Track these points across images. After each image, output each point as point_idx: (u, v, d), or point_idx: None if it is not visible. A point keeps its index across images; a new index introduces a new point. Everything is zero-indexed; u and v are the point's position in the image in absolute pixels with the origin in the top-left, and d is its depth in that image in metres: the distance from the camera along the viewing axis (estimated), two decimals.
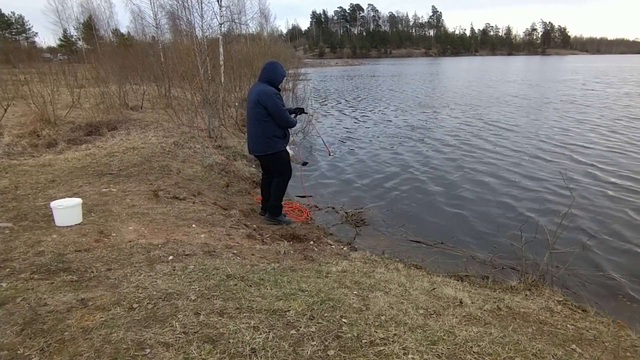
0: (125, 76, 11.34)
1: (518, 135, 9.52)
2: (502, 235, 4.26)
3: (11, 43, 39.21)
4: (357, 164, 7.48)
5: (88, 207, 3.61)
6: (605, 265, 3.77)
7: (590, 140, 8.79)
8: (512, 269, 3.60)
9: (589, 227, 4.54)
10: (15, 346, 1.64)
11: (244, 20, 16.53)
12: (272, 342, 1.74)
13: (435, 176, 6.59)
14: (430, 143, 8.96)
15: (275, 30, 33.96)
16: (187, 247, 2.96)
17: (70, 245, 2.78)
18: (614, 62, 58.77)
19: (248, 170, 6.31)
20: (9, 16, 53.85)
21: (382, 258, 3.60)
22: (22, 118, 7.64)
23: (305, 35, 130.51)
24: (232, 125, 9.10)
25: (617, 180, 6.14)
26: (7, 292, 2.08)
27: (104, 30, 35.49)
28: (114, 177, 4.79)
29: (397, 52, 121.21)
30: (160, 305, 2.00)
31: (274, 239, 3.87)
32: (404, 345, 1.80)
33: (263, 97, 3.91)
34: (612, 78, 27.51)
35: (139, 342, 1.68)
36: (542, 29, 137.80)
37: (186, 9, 9.09)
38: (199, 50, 7.97)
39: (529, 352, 1.88)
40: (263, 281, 2.46)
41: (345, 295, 2.35)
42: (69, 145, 6.50)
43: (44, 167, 5.14)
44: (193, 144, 6.84)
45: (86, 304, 1.98)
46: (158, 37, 13.86)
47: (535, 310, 2.58)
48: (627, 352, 2.17)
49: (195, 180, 5.23)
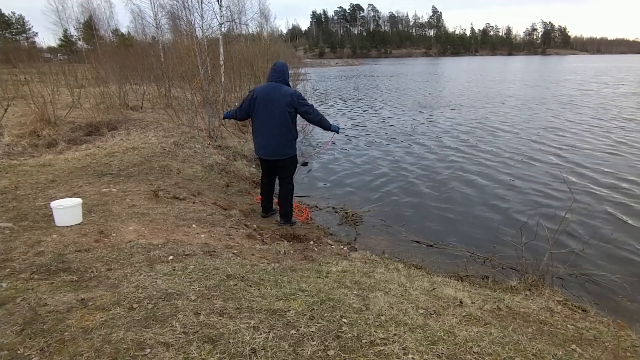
0: (125, 76, 11.34)
1: (518, 136, 9.52)
2: (502, 235, 4.26)
3: (11, 43, 39.20)
4: (357, 164, 7.48)
5: (88, 207, 3.61)
6: (605, 265, 3.77)
7: (590, 141, 8.80)
8: (512, 269, 3.60)
9: (589, 227, 4.54)
10: (15, 346, 1.64)
11: (244, 20, 16.50)
12: (272, 342, 1.75)
13: (435, 176, 6.59)
14: (429, 143, 8.96)
15: (275, 30, 33.94)
16: (187, 247, 2.96)
17: (70, 245, 2.78)
18: (613, 62, 58.77)
19: (248, 170, 6.31)
20: (9, 16, 53.83)
21: (382, 258, 3.60)
22: (22, 118, 7.64)
23: (305, 35, 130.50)
24: (232, 125, 9.09)
25: (618, 180, 6.14)
26: (7, 292, 2.08)
27: (104, 30, 35.49)
28: (114, 177, 4.79)
29: (397, 52, 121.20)
30: (160, 305, 2.00)
31: (274, 239, 3.87)
32: (404, 345, 1.80)
33: (295, 99, 3.78)
34: (609, 78, 27.52)
35: (139, 342, 1.68)
36: (542, 29, 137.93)
37: (186, 9, 9.09)
38: (199, 50, 7.97)
39: (529, 352, 1.88)
40: (263, 281, 2.46)
41: (345, 295, 2.35)
42: (69, 145, 6.50)
43: (44, 167, 5.14)
44: (193, 144, 6.84)
45: (86, 304, 1.98)
46: (158, 37, 13.86)
47: (535, 310, 2.58)
48: (627, 352, 2.17)
49: (195, 180, 5.23)
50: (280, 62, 4.06)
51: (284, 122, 3.83)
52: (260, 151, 4.06)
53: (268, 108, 3.84)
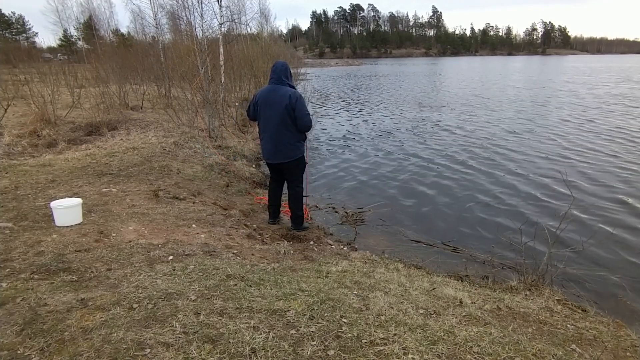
0: (125, 76, 11.34)
1: (518, 136, 9.52)
2: (502, 235, 4.26)
3: (11, 43, 39.20)
4: (357, 164, 7.47)
5: (88, 207, 3.61)
6: (605, 265, 3.77)
7: (590, 141, 8.79)
8: (512, 269, 3.60)
9: (589, 227, 4.53)
10: (15, 346, 1.64)
11: (244, 20, 16.51)
12: (272, 342, 1.75)
13: (435, 176, 6.59)
14: (429, 143, 8.96)
15: (275, 30, 33.93)
16: (187, 247, 2.96)
17: (70, 245, 2.78)
18: (612, 62, 58.74)
19: (248, 170, 6.31)
20: (9, 16, 53.81)
21: (382, 258, 3.60)
22: (22, 118, 7.65)
23: (305, 35, 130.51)
24: (232, 125, 9.09)
25: (617, 180, 6.14)
26: (7, 292, 2.08)
27: (104, 30, 35.52)
28: (114, 177, 4.79)
29: (397, 52, 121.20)
30: (160, 305, 2.00)
31: (274, 239, 3.87)
32: (404, 345, 1.80)
33: (293, 100, 3.66)
34: (609, 76, 27.51)
35: (139, 342, 1.68)
36: (542, 29, 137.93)
37: (186, 9, 9.11)
38: (199, 50, 7.98)
39: (529, 352, 1.88)
40: (263, 281, 2.46)
41: (345, 295, 2.35)
42: (69, 145, 6.51)
43: (44, 167, 5.14)
44: (193, 144, 6.84)
45: (86, 304, 1.99)
46: (158, 37, 13.85)
47: (535, 310, 2.58)
48: (627, 352, 2.17)
49: (195, 180, 5.23)
50: (279, 63, 3.92)
51: (284, 124, 3.74)
52: (265, 155, 4.01)
53: (267, 112, 3.80)
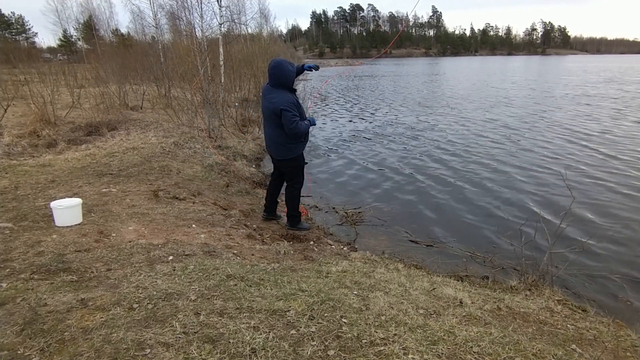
0: (125, 76, 11.35)
1: (518, 136, 9.52)
2: (502, 235, 4.26)
3: (11, 43, 39.16)
4: (357, 164, 7.47)
5: (88, 207, 3.61)
6: (605, 265, 3.77)
7: (591, 141, 8.80)
8: (512, 269, 3.60)
9: (589, 227, 4.54)
10: (15, 346, 1.64)
11: (244, 20, 16.53)
12: (272, 342, 1.75)
13: (434, 176, 6.59)
14: (429, 143, 8.96)
15: (275, 30, 33.99)
16: (187, 247, 2.96)
17: (70, 245, 2.78)
18: (611, 63, 58.76)
19: (248, 170, 6.31)
20: (9, 16, 53.77)
21: (382, 258, 3.60)
22: (22, 118, 7.64)
23: (305, 35, 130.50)
24: (232, 125, 9.09)
25: (617, 180, 6.14)
26: (7, 292, 2.08)
27: (104, 31, 35.57)
28: (114, 177, 4.79)
29: (397, 52, 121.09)
30: (160, 305, 2.00)
31: (274, 239, 3.87)
32: (404, 345, 1.80)
33: (278, 112, 3.64)
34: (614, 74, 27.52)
35: (139, 342, 1.68)
36: (542, 29, 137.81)
37: (186, 9, 9.12)
38: (198, 50, 7.98)
39: (529, 352, 1.88)
40: (263, 281, 2.46)
41: (345, 295, 2.35)
42: (69, 146, 6.50)
43: (44, 167, 5.14)
44: (193, 144, 6.84)
45: (86, 304, 1.98)
46: (158, 37, 13.86)
47: (535, 310, 2.58)
48: (627, 352, 2.17)
49: (195, 180, 5.22)
50: (272, 63, 3.73)
51: (276, 124, 3.76)
52: (267, 147, 4.13)
53: (264, 109, 3.87)
